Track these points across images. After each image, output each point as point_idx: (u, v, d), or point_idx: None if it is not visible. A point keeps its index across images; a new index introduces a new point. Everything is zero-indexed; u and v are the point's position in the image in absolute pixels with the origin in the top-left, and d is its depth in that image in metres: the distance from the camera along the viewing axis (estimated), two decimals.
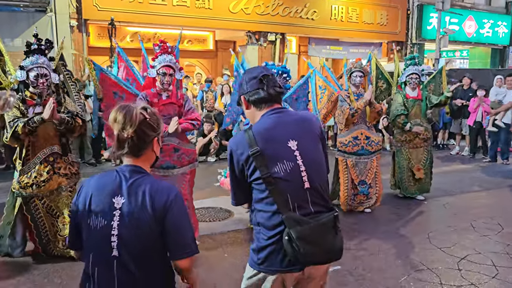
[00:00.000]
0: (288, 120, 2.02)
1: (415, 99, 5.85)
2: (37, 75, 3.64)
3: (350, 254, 4.18)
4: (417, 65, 5.84)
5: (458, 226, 4.96)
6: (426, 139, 5.93)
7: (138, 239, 1.63)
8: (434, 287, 3.56)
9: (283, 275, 1.96)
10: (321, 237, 1.91)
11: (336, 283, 3.58)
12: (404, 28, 15.94)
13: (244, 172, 1.96)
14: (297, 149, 1.95)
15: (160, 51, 4.05)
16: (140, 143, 1.70)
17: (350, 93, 5.33)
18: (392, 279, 3.67)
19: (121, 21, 11.12)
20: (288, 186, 1.91)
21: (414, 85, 5.81)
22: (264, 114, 2.02)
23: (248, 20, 12.85)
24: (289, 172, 1.92)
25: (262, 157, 1.90)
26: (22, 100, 3.68)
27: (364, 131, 5.34)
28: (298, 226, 1.86)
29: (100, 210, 1.65)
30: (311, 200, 1.94)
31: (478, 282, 3.63)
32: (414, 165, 5.91)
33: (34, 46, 3.71)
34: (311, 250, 1.86)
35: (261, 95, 2.01)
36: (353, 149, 5.32)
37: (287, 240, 1.85)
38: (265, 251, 1.95)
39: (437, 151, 10.12)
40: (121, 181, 1.68)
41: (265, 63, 4.35)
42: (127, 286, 1.65)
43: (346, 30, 14.67)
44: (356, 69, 5.35)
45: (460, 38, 16.85)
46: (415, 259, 4.08)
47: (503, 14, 18.12)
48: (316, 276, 2.04)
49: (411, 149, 5.92)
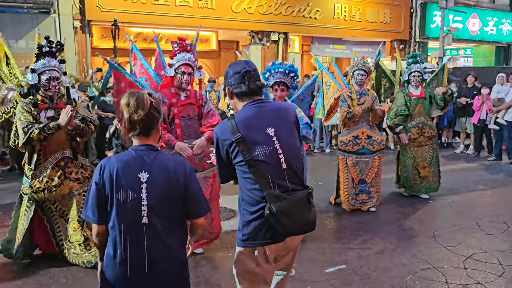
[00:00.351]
0: (266, 110, 2.30)
1: (418, 97, 5.81)
2: (49, 78, 3.55)
3: (355, 253, 4.17)
4: (419, 63, 5.80)
5: (463, 225, 4.94)
6: (431, 137, 5.89)
7: (164, 207, 1.94)
8: (440, 286, 3.54)
9: (266, 247, 2.23)
10: (297, 211, 2.17)
11: (341, 283, 3.57)
12: (408, 27, 15.89)
13: (228, 156, 2.23)
14: (275, 135, 2.22)
15: (179, 49, 3.88)
16: (150, 124, 1.97)
17: (352, 92, 5.28)
18: (398, 278, 3.65)
19: (124, 22, 11.14)
20: (268, 167, 2.17)
21: (416, 83, 5.77)
22: (245, 105, 2.29)
23: (251, 20, 12.84)
24: (268, 154, 2.19)
25: (244, 143, 2.17)
26: (33, 104, 3.59)
27: (365, 130, 5.29)
28: (278, 201, 2.12)
29: (128, 185, 1.91)
30: (288, 179, 2.21)
31: (484, 281, 3.61)
32: (419, 164, 5.87)
33: (46, 48, 3.62)
34: (290, 221, 2.13)
35: (243, 89, 2.27)
36: (353, 148, 5.29)
37: (269, 213, 2.11)
38: (249, 226, 2.21)
39: (442, 149, 10.07)
40: (143, 158, 1.96)
41: (272, 63, 4.28)
42: (154, 248, 1.92)
43: (349, 29, 14.63)
44: (358, 68, 5.29)
45: (464, 36, 16.78)
46: (421, 258, 4.06)
47: (507, 11, 18.02)
48: (293, 247, 2.37)
49: (416, 148, 5.87)
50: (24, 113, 3.52)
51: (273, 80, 4.16)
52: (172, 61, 3.85)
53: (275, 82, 4.14)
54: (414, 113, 5.81)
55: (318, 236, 4.57)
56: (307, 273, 3.74)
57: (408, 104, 5.78)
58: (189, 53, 3.88)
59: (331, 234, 4.73)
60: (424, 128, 5.85)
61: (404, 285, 3.54)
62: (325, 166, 8.31)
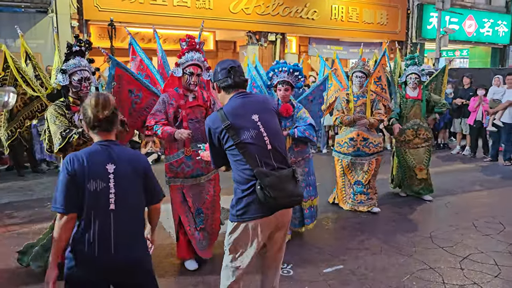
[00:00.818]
0: (250, 100, 2.61)
1: (414, 99, 5.79)
2: (80, 78, 3.35)
3: (352, 253, 4.19)
4: (417, 65, 5.78)
5: (460, 226, 4.97)
6: (426, 139, 5.87)
7: (129, 194, 2.18)
8: (437, 286, 3.57)
9: (258, 221, 2.46)
10: (284, 185, 2.42)
11: (338, 283, 3.60)
12: (404, 28, 15.95)
13: (220, 142, 2.51)
14: (259, 121, 2.51)
15: (187, 48, 3.66)
16: (113, 121, 2.23)
17: (350, 94, 5.26)
18: (395, 278, 3.68)
19: (121, 22, 11.12)
20: (255, 148, 2.45)
21: (414, 85, 5.76)
22: (231, 97, 2.60)
23: (248, 20, 12.85)
24: (254, 137, 2.47)
25: (233, 129, 2.45)
26: (66, 107, 3.38)
27: (361, 132, 5.22)
28: (267, 177, 2.38)
29: (97, 175, 2.12)
30: (274, 158, 2.49)
31: (480, 281, 3.64)
32: (416, 166, 5.86)
33: (75, 47, 3.42)
34: (278, 194, 2.37)
35: (229, 82, 2.58)
36: (348, 150, 5.27)
37: (259, 188, 2.37)
38: (242, 202, 2.46)
39: (438, 150, 10.14)
40: (108, 151, 2.19)
41: (276, 62, 4.18)
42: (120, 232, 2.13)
43: (346, 30, 14.68)
44: (357, 70, 5.23)
45: (460, 37, 16.86)
46: (418, 258, 4.09)
47: (503, 13, 18.13)
48: (283, 223, 2.61)
49: (411, 149, 5.86)
50: (59, 117, 3.31)
51: (276, 80, 4.06)
52: (180, 61, 3.64)
53: (279, 81, 4.04)
54: (409, 114, 5.80)
55: (316, 237, 4.60)
56: (305, 273, 3.76)
57: (402, 105, 5.80)
58: (198, 53, 3.68)
59: (329, 234, 4.75)
60: (419, 130, 5.82)
61: (401, 285, 3.57)
62: (322, 167, 8.33)
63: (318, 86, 4.81)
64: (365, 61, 5.32)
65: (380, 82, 5.83)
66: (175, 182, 3.72)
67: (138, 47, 4.22)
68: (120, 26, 11.30)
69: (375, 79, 5.73)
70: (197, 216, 3.79)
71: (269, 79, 4.16)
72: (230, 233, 2.56)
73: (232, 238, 2.55)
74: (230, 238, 2.57)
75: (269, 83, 4.21)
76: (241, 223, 2.49)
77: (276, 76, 4.07)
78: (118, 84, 3.76)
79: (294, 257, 4.07)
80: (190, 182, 3.72)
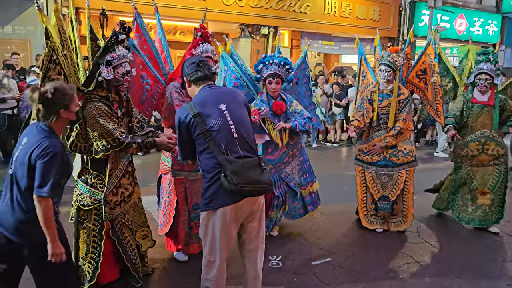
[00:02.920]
0: (218, 91, 2.71)
1: (483, 104, 4.50)
2: (125, 72, 2.98)
3: (340, 247, 4.25)
4: (491, 62, 4.46)
5: (446, 220, 5.05)
6: (497, 156, 4.56)
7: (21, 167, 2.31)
8: (423, 279, 3.64)
9: (226, 209, 2.50)
10: (248, 171, 2.46)
11: (326, 275, 3.64)
12: (396, 24, 16.01)
13: (189, 132, 2.56)
14: (226, 110, 2.57)
15: (201, 39, 3.54)
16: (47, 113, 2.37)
17: (376, 92, 4.39)
18: (382, 272, 3.74)
19: (113, 11, 10.98)
20: (221, 136, 2.51)
21: (483, 87, 4.46)
22: (200, 89, 2.68)
23: (241, 13, 12.80)
24: (220, 125, 2.53)
25: (200, 117, 2.52)
26: (111, 103, 2.99)
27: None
28: (230, 164, 2.44)
29: (17, 143, 2.42)
30: (240, 147, 2.54)
31: (465, 276, 3.71)
32: (477, 188, 4.63)
33: (122, 36, 3.01)
34: (242, 179, 2.41)
35: (198, 74, 2.67)
36: (373, 158, 4.45)
37: (223, 176, 2.43)
38: (209, 191, 2.53)
39: (427, 147, 10.25)
40: (33, 129, 2.39)
41: (265, 55, 4.10)
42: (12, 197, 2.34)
43: (338, 25, 14.69)
44: (382, 62, 4.33)
45: (451, 35, 16.99)
46: (405, 253, 4.15)
47: (494, 13, 18.30)
48: (254, 213, 2.65)
49: (474, 167, 4.62)
50: (108, 115, 2.89)
51: (267, 72, 3.99)
52: (196, 51, 3.52)
53: (270, 74, 3.98)
54: (475, 124, 4.54)
55: (304, 230, 4.64)
56: (293, 265, 3.80)
57: (464, 111, 4.55)
58: (211, 45, 3.59)
59: (318, 227, 4.79)
60: (488, 143, 4.52)
61: (388, 278, 3.63)
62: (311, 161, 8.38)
63: (300, 65, 4.49)
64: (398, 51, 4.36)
65: (424, 76, 4.63)
66: (179, 175, 3.66)
67: (143, 24, 3.77)
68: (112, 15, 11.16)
69: (418, 72, 4.62)
70: (193, 211, 3.76)
71: (258, 72, 4.09)
72: (201, 223, 2.63)
73: (203, 227, 2.62)
74: (201, 227, 2.64)
75: (258, 76, 4.12)
76: (210, 211, 2.55)
77: (266, 69, 4.01)
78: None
79: (283, 249, 4.10)
80: (192, 176, 3.68)
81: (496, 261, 4.01)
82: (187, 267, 3.70)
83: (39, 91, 2.33)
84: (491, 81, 4.42)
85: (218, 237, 2.57)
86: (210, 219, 2.57)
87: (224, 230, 2.56)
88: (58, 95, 2.36)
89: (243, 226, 2.68)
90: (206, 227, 2.60)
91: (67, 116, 2.43)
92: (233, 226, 2.59)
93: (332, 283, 3.52)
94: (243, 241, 2.77)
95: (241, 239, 2.77)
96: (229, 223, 2.55)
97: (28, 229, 2.33)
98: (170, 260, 3.84)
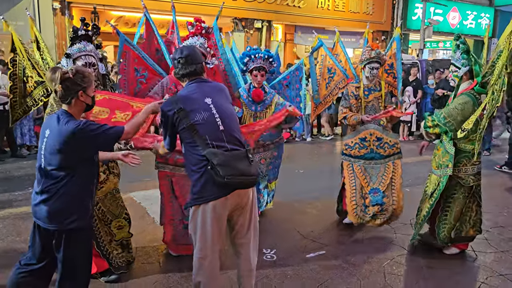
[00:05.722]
0: (204, 85, 2.69)
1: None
2: (85, 64, 3.15)
3: (335, 240, 4.27)
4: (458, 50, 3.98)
5: None
6: None
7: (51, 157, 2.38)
8: (416, 271, 3.68)
9: (214, 203, 2.50)
10: (235, 163, 2.47)
11: (321, 268, 3.67)
12: (390, 18, 16.05)
13: (174, 124, 2.57)
14: (212, 103, 2.59)
15: (192, 32, 3.52)
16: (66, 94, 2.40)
17: (360, 88, 4.44)
18: (375, 263, 3.77)
19: (105, 5, 10.91)
20: (206, 129, 2.51)
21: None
22: (187, 83, 2.69)
23: (234, 7, 12.75)
24: (206, 118, 2.53)
25: (184, 112, 2.52)
26: None
27: (374, 131, 4.42)
28: (216, 157, 2.44)
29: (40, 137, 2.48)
30: (226, 140, 2.54)
31: (458, 267, 3.76)
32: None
33: (81, 31, 3.24)
34: (228, 171, 2.42)
35: (185, 71, 2.66)
36: (360, 152, 4.46)
37: (210, 168, 2.43)
38: (197, 185, 2.53)
39: (418, 140, 10.29)
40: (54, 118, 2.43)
41: (249, 48, 4.26)
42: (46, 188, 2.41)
43: (332, 19, 14.69)
44: (374, 60, 4.34)
45: (444, 29, 17.06)
46: (398, 244, 4.19)
47: (486, 6, 18.37)
48: (243, 205, 2.63)
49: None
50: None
51: (252, 65, 4.17)
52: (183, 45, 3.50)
53: (255, 67, 4.16)
54: None
55: (298, 223, 4.66)
56: (288, 258, 3.82)
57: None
58: (203, 38, 3.53)
59: (313, 221, 4.81)
60: None
61: (381, 270, 3.66)
62: (306, 155, 8.42)
63: (293, 71, 4.70)
64: (379, 48, 4.53)
65: (392, 71, 4.85)
66: (163, 169, 3.63)
67: (152, 22, 3.91)
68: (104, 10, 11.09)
69: (387, 67, 4.78)
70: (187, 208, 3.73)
71: (244, 64, 4.24)
72: (191, 219, 2.62)
73: (192, 223, 2.60)
74: (191, 223, 2.62)
75: (244, 68, 4.29)
76: (198, 206, 2.54)
77: (252, 62, 4.18)
78: (124, 62, 3.61)
79: (278, 242, 4.12)
80: (182, 171, 3.56)
81: (486, 252, 4.06)
82: (182, 262, 3.71)
83: (61, 70, 2.37)
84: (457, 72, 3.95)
85: (209, 232, 2.54)
86: (199, 213, 2.54)
87: (215, 224, 2.54)
88: (79, 76, 2.42)
89: (234, 219, 2.67)
90: (195, 222, 2.58)
91: (84, 99, 2.46)
92: (222, 219, 2.57)
93: (327, 275, 3.54)
94: (235, 234, 2.75)
95: (233, 233, 2.75)
96: (220, 217, 2.54)
97: (59, 215, 2.41)
98: (165, 254, 3.85)
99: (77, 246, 2.47)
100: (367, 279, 3.52)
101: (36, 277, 2.57)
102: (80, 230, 2.47)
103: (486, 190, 6.21)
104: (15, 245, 4.00)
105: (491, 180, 6.82)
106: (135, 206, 5.05)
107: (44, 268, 2.57)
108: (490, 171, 7.39)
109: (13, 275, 2.57)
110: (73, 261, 2.47)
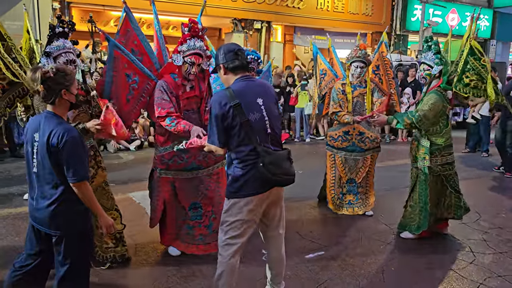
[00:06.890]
0: (254, 84, 2.73)
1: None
2: (66, 61, 3.16)
3: (333, 240, 4.28)
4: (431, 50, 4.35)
5: None
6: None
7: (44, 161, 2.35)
8: (414, 271, 3.69)
9: (254, 198, 2.61)
10: (282, 163, 2.61)
11: (319, 268, 3.67)
12: (389, 19, 16.06)
13: (226, 120, 2.55)
14: (263, 105, 2.64)
15: (189, 34, 3.39)
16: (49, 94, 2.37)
17: (347, 84, 4.78)
18: (374, 264, 3.78)
19: (105, 5, 10.91)
20: (257, 130, 2.59)
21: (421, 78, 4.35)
22: (237, 78, 2.68)
23: (234, 7, 12.75)
24: (257, 120, 2.60)
25: (240, 108, 2.54)
26: None
27: (357, 125, 4.76)
28: (268, 155, 2.55)
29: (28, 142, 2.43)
30: (271, 142, 2.66)
31: (456, 267, 3.77)
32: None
33: (59, 29, 3.22)
34: (278, 171, 2.56)
35: (237, 63, 2.66)
36: (342, 144, 4.84)
37: (262, 165, 2.52)
38: (239, 181, 2.60)
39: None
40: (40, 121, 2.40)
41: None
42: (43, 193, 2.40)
43: (331, 20, 14.70)
44: (358, 59, 4.67)
45: (443, 30, 17.05)
46: (396, 245, 4.20)
47: (485, 7, 18.40)
48: (278, 200, 2.80)
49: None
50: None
51: None
52: (181, 48, 3.38)
53: None
54: None
55: (298, 224, 4.67)
56: (287, 259, 3.80)
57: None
58: (201, 40, 3.44)
59: (311, 221, 4.82)
60: None
61: (380, 271, 3.67)
62: (305, 155, 8.43)
63: (264, 72, 4.62)
64: (366, 48, 4.79)
65: (379, 72, 5.16)
66: (166, 175, 3.61)
67: (133, 19, 3.70)
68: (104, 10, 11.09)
69: (374, 68, 5.13)
70: (192, 209, 3.72)
71: None
72: (226, 211, 2.69)
73: (228, 215, 2.68)
74: (226, 215, 2.69)
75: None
76: (237, 199, 2.63)
77: None
78: (115, 67, 3.52)
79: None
80: (184, 175, 3.59)
81: (485, 254, 4.07)
82: (182, 262, 3.72)
83: (41, 70, 2.33)
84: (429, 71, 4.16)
85: (244, 225, 2.66)
86: (237, 207, 2.64)
87: (251, 219, 2.67)
88: (60, 74, 2.39)
89: (268, 213, 2.79)
90: (232, 215, 2.66)
91: (68, 97, 2.43)
92: (257, 214, 2.70)
93: (326, 276, 3.55)
94: (267, 227, 2.88)
95: (265, 225, 2.88)
96: (255, 212, 2.66)
97: (60, 220, 2.40)
98: (164, 254, 3.85)
99: (78, 249, 2.46)
100: (366, 279, 3.52)
101: (31, 278, 2.56)
102: (82, 234, 2.47)
103: (484, 191, 6.26)
104: (15, 245, 4.00)
105: (489, 181, 6.85)
106: (135, 206, 5.06)
107: (39, 268, 2.56)
108: (488, 172, 7.41)
109: (8, 278, 2.55)
110: (74, 264, 2.45)
